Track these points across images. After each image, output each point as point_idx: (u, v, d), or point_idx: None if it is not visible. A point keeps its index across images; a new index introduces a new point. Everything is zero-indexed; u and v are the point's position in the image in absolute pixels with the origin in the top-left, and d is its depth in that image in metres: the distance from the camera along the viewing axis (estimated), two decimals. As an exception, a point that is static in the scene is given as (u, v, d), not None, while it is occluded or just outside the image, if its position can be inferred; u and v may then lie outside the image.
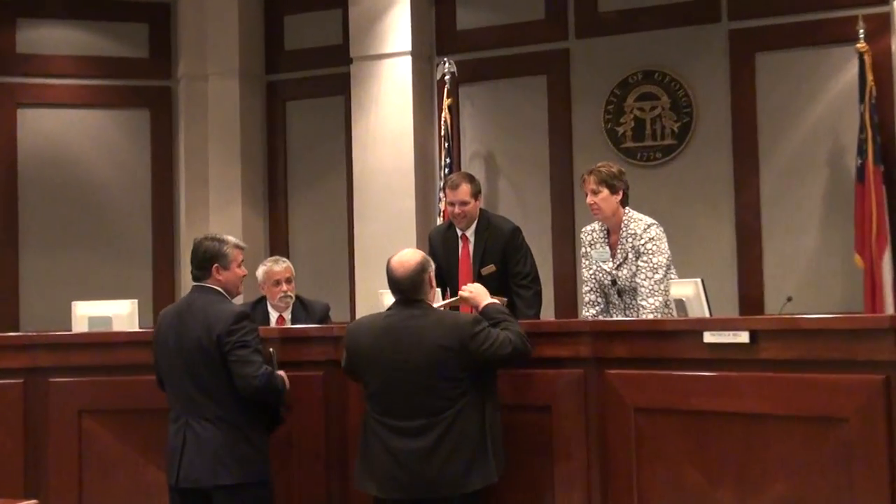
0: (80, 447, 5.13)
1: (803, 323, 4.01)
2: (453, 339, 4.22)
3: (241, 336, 4.45)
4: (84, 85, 9.29)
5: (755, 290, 7.62)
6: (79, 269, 9.09)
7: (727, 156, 7.78)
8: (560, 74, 8.31)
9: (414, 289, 4.37)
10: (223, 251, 4.66)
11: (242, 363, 4.43)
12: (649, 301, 5.19)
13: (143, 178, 9.36)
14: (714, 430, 4.11)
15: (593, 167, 5.44)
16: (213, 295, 4.61)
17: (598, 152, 7.96)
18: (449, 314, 4.46)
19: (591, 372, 4.48)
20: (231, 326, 4.45)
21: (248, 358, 4.43)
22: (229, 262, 4.66)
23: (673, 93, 7.96)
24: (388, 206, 8.39)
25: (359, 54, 8.62)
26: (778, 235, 7.63)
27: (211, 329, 4.46)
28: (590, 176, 5.39)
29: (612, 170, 5.41)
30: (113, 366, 5.15)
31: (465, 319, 4.33)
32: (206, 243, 4.68)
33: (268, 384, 4.45)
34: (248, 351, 4.44)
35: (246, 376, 4.42)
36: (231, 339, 4.44)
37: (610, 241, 5.44)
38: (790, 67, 7.65)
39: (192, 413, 4.51)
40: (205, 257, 4.65)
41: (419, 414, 4.22)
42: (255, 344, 4.48)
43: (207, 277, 4.65)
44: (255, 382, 4.42)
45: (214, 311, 4.52)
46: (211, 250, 4.65)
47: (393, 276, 4.39)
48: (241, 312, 4.54)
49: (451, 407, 4.21)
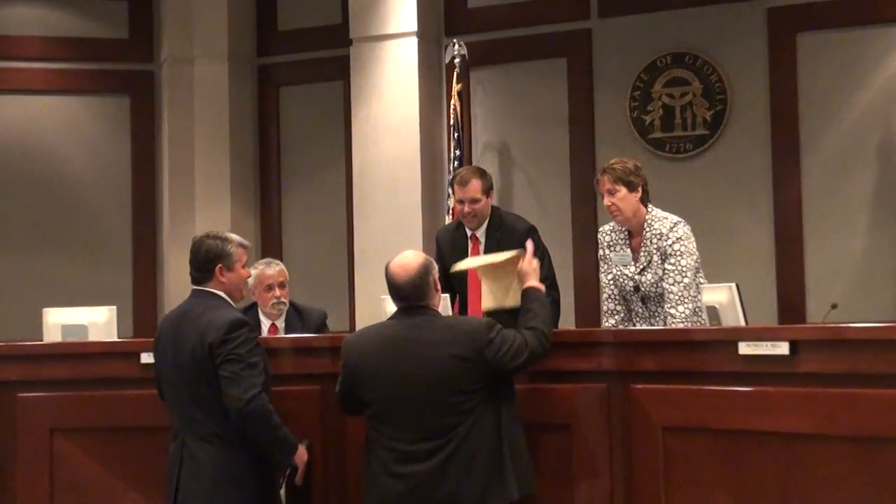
0: (51, 469, 5.10)
1: (850, 332, 3.99)
2: (467, 348, 4.20)
3: (232, 348, 4.37)
4: (56, 69, 9.32)
5: (796, 296, 7.61)
6: (50, 273, 9.11)
7: (765, 147, 7.78)
8: (581, 57, 8.30)
9: (417, 295, 4.34)
10: (227, 250, 4.62)
11: (229, 380, 4.34)
12: (679, 309, 5.18)
13: (122, 172, 9.38)
14: (751, 451, 4.10)
15: (606, 165, 5.43)
16: (212, 300, 4.56)
17: (623, 143, 7.95)
18: (459, 319, 4.46)
19: (615, 386, 4.46)
20: (224, 336, 4.38)
21: (238, 375, 4.34)
22: (233, 263, 4.63)
23: (705, 78, 7.95)
24: (392, 203, 8.39)
25: (359, 35, 8.63)
26: (822, 235, 7.62)
27: (204, 338, 4.41)
28: (604, 175, 5.38)
29: (628, 165, 5.39)
30: (88, 379, 5.13)
31: (479, 325, 4.28)
32: (208, 242, 4.64)
33: (254, 412, 4.30)
34: (238, 367, 4.35)
35: (230, 396, 4.32)
36: (222, 351, 4.37)
37: (632, 243, 5.43)
38: (835, 49, 7.64)
39: (190, 431, 4.48)
40: (207, 257, 4.60)
41: (428, 434, 4.20)
42: (249, 358, 4.38)
43: (209, 280, 4.60)
44: (238, 405, 4.30)
45: (209, 317, 4.46)
46: (213, 249, 4.61)
47: (394, 282, 4.36)
48: (237, 320, 4.45)
49: (463, 422, 4.19)
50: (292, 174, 9.30)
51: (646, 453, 4.36)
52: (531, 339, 4.29)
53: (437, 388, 4.19)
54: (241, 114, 9.25)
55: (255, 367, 4.38)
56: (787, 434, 4.01)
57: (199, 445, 4.44)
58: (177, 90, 9.20)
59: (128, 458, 5.04)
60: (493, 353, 4.20)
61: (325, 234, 9.14)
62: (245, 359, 4.37)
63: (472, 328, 4.26)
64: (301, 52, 9.27)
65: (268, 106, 9.39)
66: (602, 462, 4.47)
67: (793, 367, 4.02)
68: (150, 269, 9.29)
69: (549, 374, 4.54)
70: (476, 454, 4.19)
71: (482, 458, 4.20)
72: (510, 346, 4.23)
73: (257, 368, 4.39)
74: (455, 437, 4.18)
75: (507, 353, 4.22)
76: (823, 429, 3.92)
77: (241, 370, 4.35)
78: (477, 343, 4.20)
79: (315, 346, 5.05)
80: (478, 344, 4.20)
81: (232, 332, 4.40)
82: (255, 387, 4.33)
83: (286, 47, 9.34)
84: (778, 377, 4.06)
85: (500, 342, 4.23)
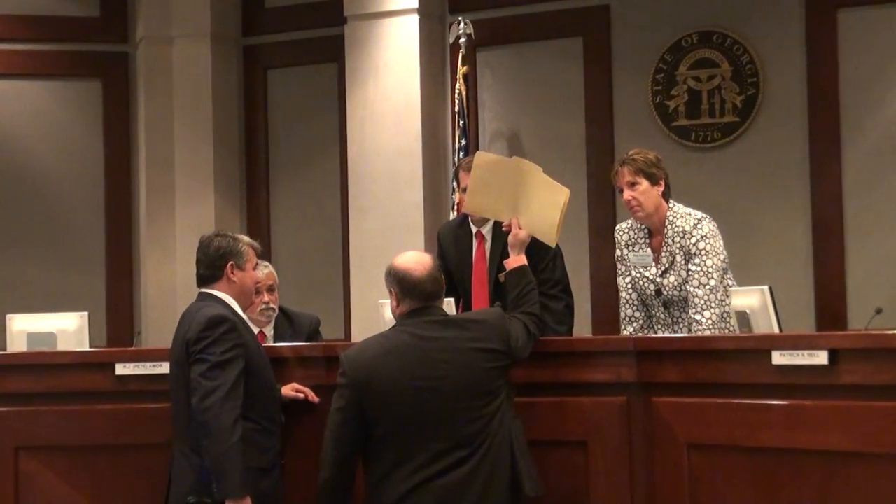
0: (16, 492, 5.10)
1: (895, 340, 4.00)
2: (496, 338, 4.38)
3: (205, 346, 4.43)
4: (21, 50, 9.34)
5: (836, 299, 7.62)
6: (15, 276, 9.13)
7: (802, 136, 7.78)
8: (599, 37, 8.31)
9: (439, 291, 4.46)
10: (238, 248, 4.73)
11: (192, 387, 4.40)
12: (704, 315, 5.18)
13: (93, 163, 9.40)
14: (785, 470, 4.11)
15: (625, 156, 5.45)
16: (211, 300, 4.65)
17: (645, 132, 7.96)
18: (475, 314, 4.61)
19: (636, 399, 4.48)
20: (199, 332, 4.47)
21: (199, 380, 4.38)
22: (244, 262, 4.74)
23: (736, 59, 7.96)
24: (391, 197, 8.41)
25: (355, 12, 8.64)
26: (864, 233, 7.62)
27: (185, 337, 4.53)
28: (623, 167, 5.40)
29: (650, 156, 5.41)
30: (58, 393, 5.13)
31: (498, 315, 4.48)
32: (218, 240, 4.74)
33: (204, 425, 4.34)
34: (203, 368, 4.40)
35: (191, 404, 4.39)
36: (195, 350, 4.45)
37: (652, 243, 5.44)
38: (880, 27, 7.65)
39: (178, 440, 4.58)
40: (217, 254, 4.70)
41: (459, 442, 4.27)
42: (215, 357, 4.41)
43: (218, 279, 4.70)
44: (194, 415, 4.37)
45: (196, 316, 4.57)
46: (224, 247, 4.71)
47: (413, 279, 4.41)
48: (217, 316, 4.51)
49: (486, 428, 4.28)
50: (281, 165, 9.31)
51: (669, 473, 4.38)
52: (531, 325, 4.51)
53: (462, 392, 4.28)
54: (225, 99, 9.26)
55: (223, 368, 4.41)
56: (825, 452, 4.01)
57: (185, 456, 4.52)
58: (154, 73, 9.21)
59: (101, 479, 5.04)
60: (515, 342, 4.40)
61: (317, 231, 9.15)
62: (213, 359, 4.41)
63: (494, 319, 4.45)
64: (291, 32, 9.29)
65: (254, 90, 9.40)
66: (621, 482, 4.48)
67: (832, 379, 4.03)
68: (126, 272, 9.30)
69: (563, 386, 4.56)
70: (499, 457, 4.29)
71: (504, 461, 4.30)
72: (519, 333, 4.44)
73: (227, 370, 4.42)
74: (483, 442, 4.27)
75: (521, 341, 4.43)
76: (866, 446, 3.93)
77: (206, 372, 4.40)
78: (503, 333, 4.39)
79: (307, 356, 5.06)
80: (504, 334, 4.39)
81: (208, 329, 4.47)
82: (214, 393, 4.36)
83: (274, 26, 9.35)
84: (815, 390, 4.07)
85: (513, 328, 4.43)
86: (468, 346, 4.33)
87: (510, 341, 4.39)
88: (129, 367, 5.02)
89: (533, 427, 4.51)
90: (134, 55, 9.42)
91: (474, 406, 4.28)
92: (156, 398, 4.97)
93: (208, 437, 4.34)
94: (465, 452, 4.26)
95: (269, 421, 4.58)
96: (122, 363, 5.01)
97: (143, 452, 5.01)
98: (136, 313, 9.24)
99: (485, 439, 4.27)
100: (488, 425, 4.28)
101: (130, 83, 9.44)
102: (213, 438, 4.34)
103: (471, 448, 4.26)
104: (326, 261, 9.04)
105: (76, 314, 5.86)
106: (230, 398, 4.38)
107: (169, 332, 8.61)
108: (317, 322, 6.44)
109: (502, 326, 4.41)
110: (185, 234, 8.99)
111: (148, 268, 9.08)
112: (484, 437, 4.27)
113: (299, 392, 4.80)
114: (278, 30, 9.34)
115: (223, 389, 4.38)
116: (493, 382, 4.32)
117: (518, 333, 4.44)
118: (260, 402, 4.54)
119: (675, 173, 5.48)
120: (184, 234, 9.00)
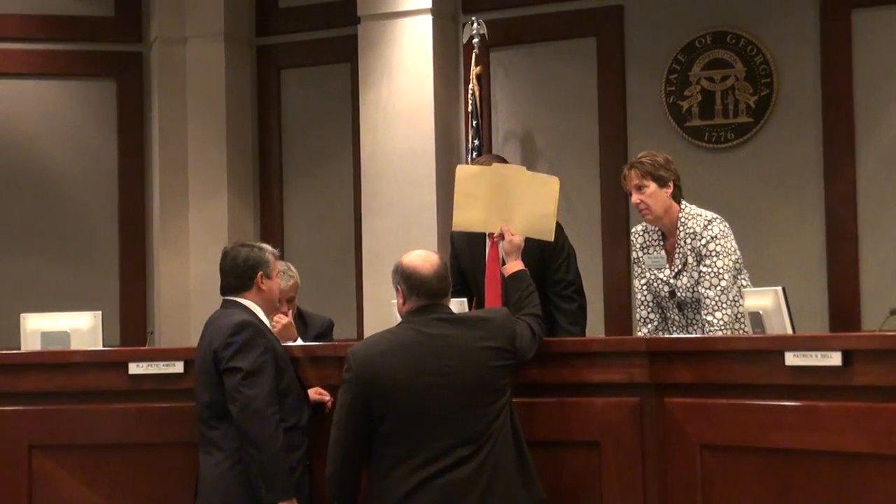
0: (30, 490, 5.13)
1: (909, 341, 4.00)
2: (503, 339, 4.40)
3: (234, 353, 4.53)
4: (35, 50, 9.35)
5: (850, 300, 7.60)
6: (29, 275, 9.15)
7: (816, 136, 7.76)
8: (612, 37, 8.30)
9: (446, 289, 4.50)
10: (265, 258, 4.84)
11: (229, 396, 4.53)
12: (716, 316, 5.18)
13: (107, 164, 9.41)
14: (799, 472, 4.10)
15: (633, 160, 5.45)
16: (235, 307, 4.75)
17: (658, 132, 7.95)
18: (481, 313, 4.66)
19: (649, 400, 4.49)
20: (227, 339, 4.57)
21: (238, 388, 4.49)
22: (272, 271, 4.86)
23: (749, 59, 7.95)
24: (404, 198, 8.41)
25: (368, 12, 8.65)
26: (879, 233, 7.60)
27: (212, 344, 4.62)
28: (630, 170, 5.41)
29: (657, 158, 5.40)
30: (71, 392, 5.16)
31: (504, 314, 4.52)
32: (245, 250, 4.85)
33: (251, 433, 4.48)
34: (239, 376, 4.50)
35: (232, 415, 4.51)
36: (224, 356, 4.55)
37: (666, 245, 5.44)
38: (894, 27, 7.63)
39: (201, 443, 4.67)
40: (247, 264, 4.80)
41: (463, 439, 4.28)
42: (248, 366, 4.52)
43: (248, 289, 4.79)
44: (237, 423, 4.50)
45: (219, 323, 4.67)
46: (253, 257, 4.82)
47: (420, 276, 4.44)
48: (243, 322, 4.62)
49: (490, 426, 4.30)
50: (295, 166, 9.32)
51: (682, 474, 4.38)
52: (535, 326, 4.57)
53: (469, 390, 4.30)
54: (238, 99, 9.27)
55: (257, 376, 4.53)
56: (839, 454, 4.01)
57: (212, 458, 4.62)
58: (168, 73, 9.22)
59: (114, 478, 5.07)
60: (520, 342, 4.44)
61: (330, 232, 9.15)
62: (246, 368, 4.53)
63: (500, 318, 4.49)
64: (304, 32, 9.29)
65: (268, 91, 9.41)
66: (634, 483, 4.48)
67: (846, 380, 4.02)
68: (139, 271, 9.32)
69: (576, 387, 4.57)
70: (503, 456, 4.31)
71: (507, 460, 4.32)
72: (524, 333, 4.49)
73: (261, 377, 4.53)
74: (488, 440, 4.29)
75: (525, 341, 4.47)
76: (880, 448, 3.92)
77: (242, 381, 4.51)
78: (509, 332, 4.43)
79: (319, 356, 5.07)
80: (510, 333, 4.43)
81: (235, 334, 4.57)
82: (254, 402, 4.49)
83: (288, 26, 9.36)
84: (829, 391, 4.06)
85: (519, 329, 4.48)
86: (475, 345, 4.35)
87: (515, 340, 4.42)
88: (142, 366, 5.03)
89: (545, 427, 4.53)
90: (148, 55, 9.44)
91: (479, 404, 4.30)
92: (169, 397, 5.01)
93: (253, 445, 4.47)
94: (469, 450, 4.27)
95: (296, 420, 4.66)
96: (135, 362, 5.04)
97: (156, 451, 5.03)
98: (150, 313, 9.26)
99: (489, 438, 4.29)
100: (492, 424, 4.30)
101: (144, 83, 9.46)
102: (258, 446, 4.47)
103: (475, 446, 4.28)
104: (339, 261, 9.05)
105: (90, 313, 5.86)
106: (270, 405, 4.52)
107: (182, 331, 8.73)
108: (330, 324, 6.46)
109: (509, 326, 4.45)
110: (198, 234, 9.01)
111: (161, 267, 9.09)
112: (488, 436, 4.29)
113: (322, 395, 4.85)
114: (292, 30, 9.35)
115: (262, 397, 4.51)
116: (499, 381, 4.35)
117: (523, 333, 4.49)
118: (287, 402, 4.63)
119: (689, 174, 5.48)
120: (197, 234, 9.02)
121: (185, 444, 4.85)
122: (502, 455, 4.31)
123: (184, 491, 4.82)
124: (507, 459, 4.32)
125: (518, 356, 4.43)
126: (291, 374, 4.73)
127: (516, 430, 4.38)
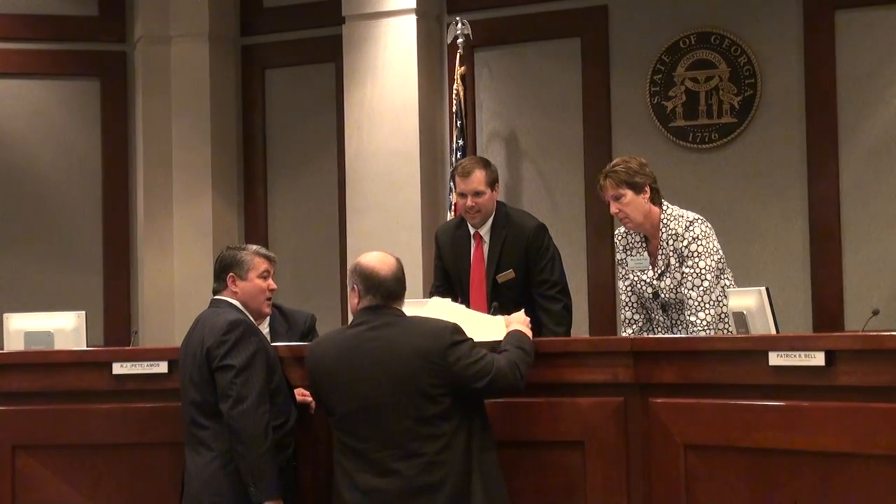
0: (13, 491, 5.12)
1: (891, 342, 3.99)
2: (430, 345, 4.30)
3: (226, 351, 4.54)
4: (18, 49, 9.32)
5: (833, 301, 7.61)
6: (12, 275, 9.12)
7: (799, 137, 7.78)
8: (597, 37, 8.31)
9: (400, 291, 4.51)
10: (239, 258, 4.86)
11: (220, 394, 4.52)
12: (699, 316, 5.20)
13: (91, 163, 9.39)
14: (782, 471, 4.11)
15: (606, 168, 5.44)
16: (222, 306, 4.77)
17: (642, 132, 7.95)
18: (426, 318, 4.54)
19: (633, 400, 4.49)
20: (220, 337, 4.58)
21: (227, 387, 4.50)
22: (245, 271, 4.84)
23: (733, 60, 7.96)
24: (388, 197, 8.40)
25: (353, 12, 8.64)
26: (861, 234, 7.61)
27: (204, 342, 4.61)
28: (605, 180, 5.39)
29: (631, 165, 5.39)
30: (55, 392, 5.14)
31: (446, 326, 4.38)
32: (225, 252, 4.93)
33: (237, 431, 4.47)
34: (231, 373, 4.50)
35: (223, 412, 4.50)
36: (217, 354, 4.56)
37: (649, 247, 5.45)
38: (878, 28, 7.64)
39: (190, 442, 4.65)
40: (220, 266, 4.87)
41: (394, 444, 4.28)
42: (240, 363, 4.52)
43: (223, 290, 4.84)
44: (227, 421, 4.49)
45: (213, 320, 4.66)
46: (227, 258, 4.87)
47: (376, 276, 4.47)
48: (235, 320, 4.63)
49: (433, 443, 4.25)
50: (279, 165, 9.31)
51: (666, 473, 4.38)
52: (502, 362, 4.35)
53: (401, 389, 4.27)
54: (222, 99, 9.25)
55: (249, 373, 4.53)
56: (822, 453, 4.02)
57: (200, 456, 4.60)
58: (152, 73, 9.21)
59: (98, 478, 5.05)
60: (455, 359, 4.28)
61: (314, 231, 9.15)
62: (238, 365, 4.53)
63: (437, 327, 4.38)
64: (289, 31, 9.29)
65: (252, 90, 9.40)
66: (618, 483, 4.48)
67: (829, 380, 4.03)
68: (123, 271, 9.29)
69: (560, 387, 4.56)
70: (444, 480, 4.24)
71: (449, 486, 4.24)
72: (476, 360, 4.30)
73: (253, 375, 4.53)
74: (424, 456, 4.25)
75: (471, 367, 4.28)
76: (862, 448, 3.93)
77: (234, 379, 4.51)
78: (440, 342, 4.30)
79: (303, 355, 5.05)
80: (441, 343, 4.29)
81: (228, 333, 4.58)
82: (245, 400, 4.49)
83: (272, 25, 9.35)
84: (812, 391, 4.07)
85: (465, 350, 4.30)
86: (405, 344, 4.32)
87: (448, 353, 4.26)
88: (126, 366, 5.03)
89: (530, 427, 4.52)
90: (132, 54, 9.42)
91: (414, 404, 4.26)
92: (153, 397, 5.00)
93: (242, 443, 4.47)
94: (401, 455, 4.26)
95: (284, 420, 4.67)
96: (119, 362, 5.03)
97: (140, 451, 5.02)
98: (134, 312, 9.24)
99: (426, 454, 4.24)
100: (433, 441, 4.24)
101: (128, 82, 9.43)
102: (247, 444, 4.47)
103: (410, 455, 4.25)
104: (324, 260, 9.04)
105: (73, 313, 5.86)
106: (261, 403, 4.52)
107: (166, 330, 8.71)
108: (312, 319, 6.43)
109: (441, 337, 4.31)
110: (182, 234, 9.00)
111: (145, 267, 9.08)
112: (425, 452, 4.24)
113: (305, 396, 4.86)
114: (276, 29, 9.34)
115: (253, 395, 4.51)
116: (431, 385, 4.26)
117: (473, 359, 4.29)
118: (276, 402, 4.64)
119: (672, 174, 5.49)
120: (181, 234, 9.01)
121: (170, 444, 4.85)
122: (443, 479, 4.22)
123: (169, 491, 4.82)
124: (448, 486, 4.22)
125: (452, 371, 4.26)
126: (281, 374, 4.74)
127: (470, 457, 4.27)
